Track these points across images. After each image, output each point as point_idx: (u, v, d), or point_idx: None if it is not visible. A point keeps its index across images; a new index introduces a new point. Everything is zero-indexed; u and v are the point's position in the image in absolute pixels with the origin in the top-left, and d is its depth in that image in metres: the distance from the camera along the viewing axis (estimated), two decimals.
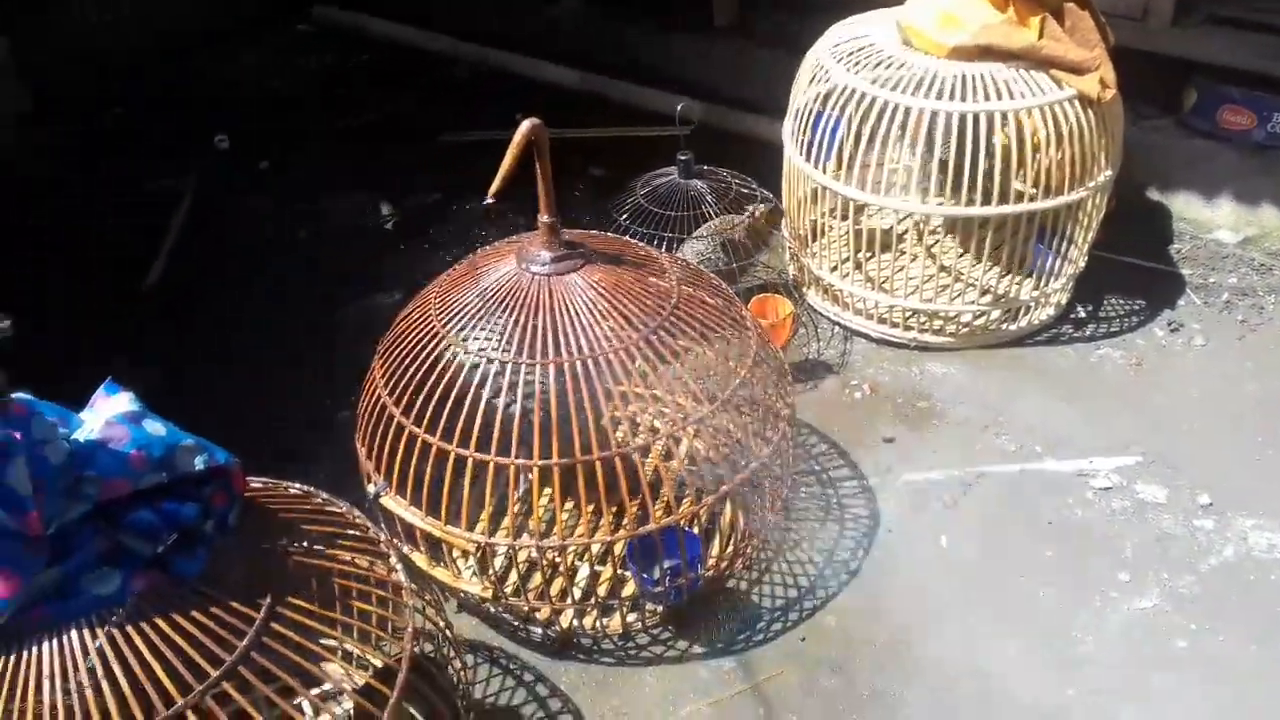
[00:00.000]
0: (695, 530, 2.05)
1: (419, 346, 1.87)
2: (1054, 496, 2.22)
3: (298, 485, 1.65)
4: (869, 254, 2.74)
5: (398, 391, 1.86)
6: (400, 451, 1.84)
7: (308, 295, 3.01)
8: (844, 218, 2.67)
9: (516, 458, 1.76)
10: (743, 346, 1.94)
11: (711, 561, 2.04)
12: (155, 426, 1.33)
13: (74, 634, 1.25)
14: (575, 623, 1.95)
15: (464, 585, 1.90)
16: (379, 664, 1.54)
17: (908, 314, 2.64)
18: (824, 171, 2.53)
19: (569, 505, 2.10)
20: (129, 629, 1.26)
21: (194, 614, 1.30)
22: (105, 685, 1.23)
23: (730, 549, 2.06)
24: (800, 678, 1.91)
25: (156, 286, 3.06)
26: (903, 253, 2.74)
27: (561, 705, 1.88)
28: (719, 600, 2.05)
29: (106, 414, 1.32)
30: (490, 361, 1.80)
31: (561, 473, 1.82)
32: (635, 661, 1.96)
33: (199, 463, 1.34)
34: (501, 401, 1.79)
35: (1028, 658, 1.91)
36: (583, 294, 1.84)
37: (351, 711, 1.68)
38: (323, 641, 1.35)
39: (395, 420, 1.85)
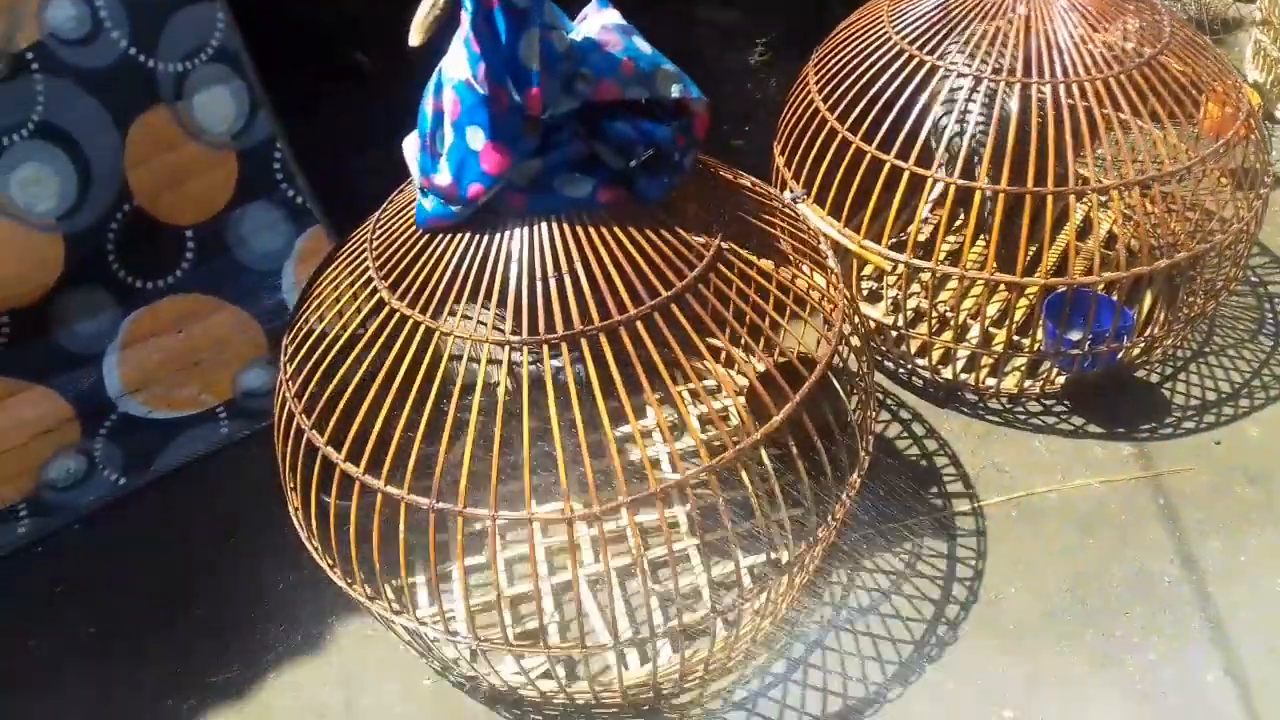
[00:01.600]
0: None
1: (865, 51, 1.77)
2: None
3: (725, 167, 1.62)
4: None
5: (833, 97, 1.78)
6: (826, 159, 1.76)
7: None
8: None
9: (959, 177, 1.65)
10: (1220, 124, 1.71)
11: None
12: (643, 44, 1.31)
13: (544, 226, 1.28)
14: (964, 376, 1.86)
15: (866, 309, 1.83)
16: (761, 367, 1.52)
17: None
18: None
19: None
20: (593, 232, 1.28)
21: (651, 233, 1.30)
22: (566, 281, 1.25)
23: (1149, 335, 1.87)
24: (1211, 479, 1.74)
25: None
26: None
27: (938, 447, 1.82)
28: (1125, 387, 1.89)
29: (601, 21, 1.31)
30: (946, 74, 1.67)
31: (1006, 203, 1.68)
32: (1023, 426, 1.85)
33: (675, 90, 1.31)
34: (954, 116, 1.66)
35: None
36: (1063, 14, 1.66)
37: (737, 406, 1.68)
38: (710, 341, 1.32)
39: (827, 125, 1.77)
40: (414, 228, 1.33)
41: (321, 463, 1.34)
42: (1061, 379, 1.85)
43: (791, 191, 1.83)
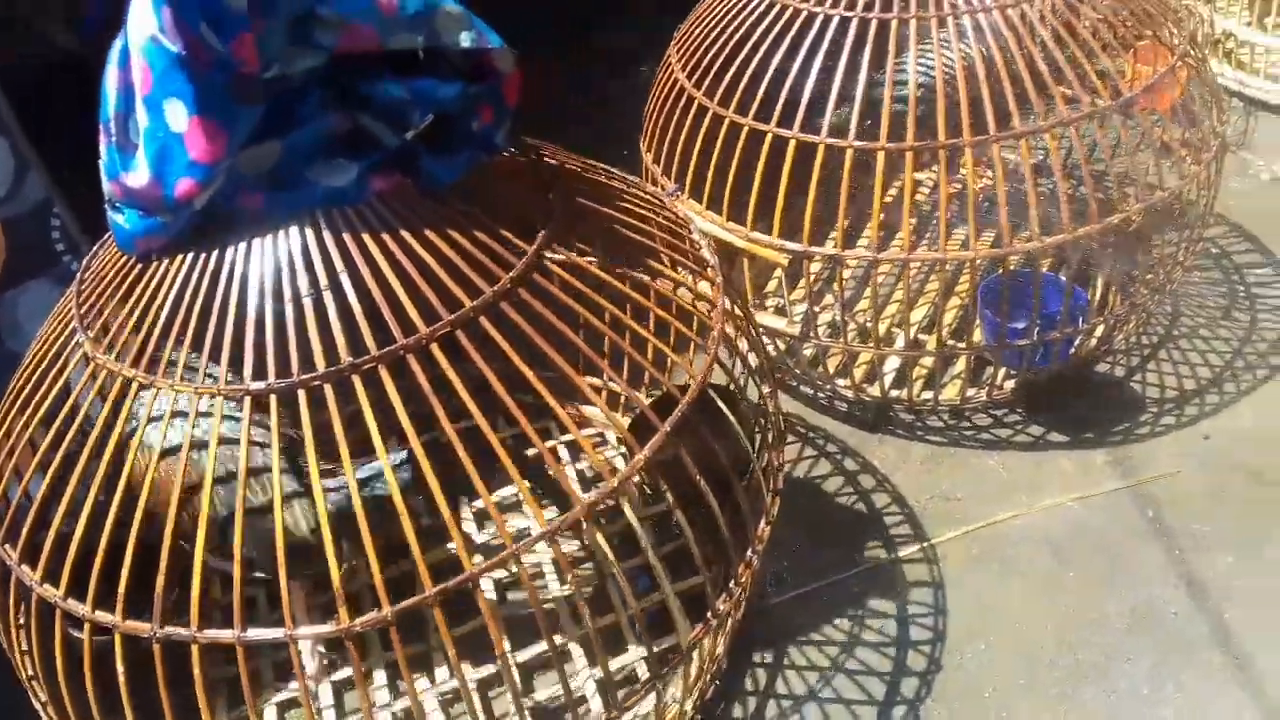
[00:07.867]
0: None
1: (731, 13, 1.47)
2: None
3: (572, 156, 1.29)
4: None
5: (698, 72, 1.47)
6: (698, 144, 1.45)
7: None
8: None
9: (855, 140, 1.33)
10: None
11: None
12: None
13: (295, 233, 0.93)
14: (894, 392, 1.53)
15: (767, 320, 1.50)
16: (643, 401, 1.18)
17: None
18: None
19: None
20: (365, 235, 0.93)
21: (446, 230, 0.95)
22: (329, 301, 0.91)
23: (1109, 314, 1.55)
24: (1206, 481, 1.42)
25: None
26: None
27: (875, 483, 1.48)
28: (1086, 386, 1.58)
29: None
30: (825, 20, 1.37)
31: (917, 165, 1.36)
32: (972, 444, 1.53)
33: (465, 39, 0.98)
34: (839, 69, 1.36)
35: None
36: None
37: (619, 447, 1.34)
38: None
39: (695, 103, 1.46)
40: (126, 258, 0.98)
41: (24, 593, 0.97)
42: (1010, 382, 1.53)
43: (666, 187, 1.51)
